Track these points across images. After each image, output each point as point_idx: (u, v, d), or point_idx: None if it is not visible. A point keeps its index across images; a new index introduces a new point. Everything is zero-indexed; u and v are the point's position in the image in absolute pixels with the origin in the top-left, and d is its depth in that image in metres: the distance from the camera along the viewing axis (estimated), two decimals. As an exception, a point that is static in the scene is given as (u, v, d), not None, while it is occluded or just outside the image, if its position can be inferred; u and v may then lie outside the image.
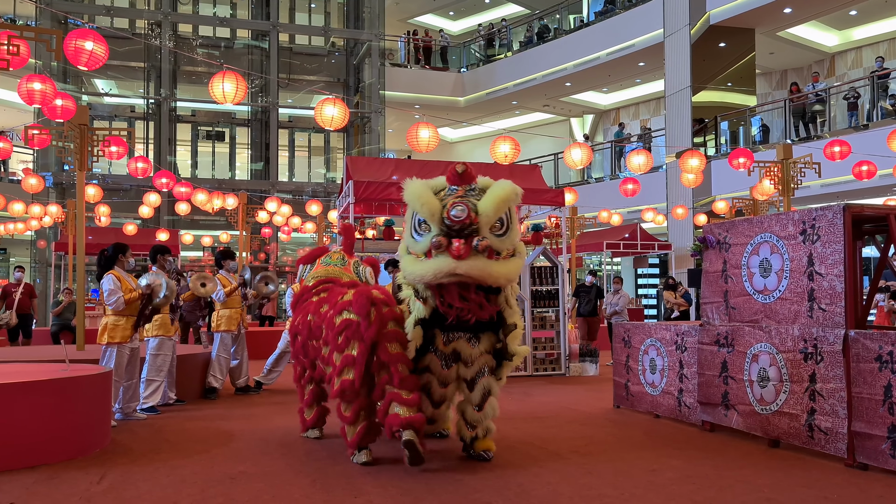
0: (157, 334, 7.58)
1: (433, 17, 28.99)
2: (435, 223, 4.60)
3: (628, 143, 22.22)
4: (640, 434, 6.36)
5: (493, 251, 4.58)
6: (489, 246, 4.54)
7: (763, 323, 5.87)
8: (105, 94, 24.18)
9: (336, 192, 20.77)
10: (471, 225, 4.53)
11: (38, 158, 21.92)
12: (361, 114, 24.22)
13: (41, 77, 8.36)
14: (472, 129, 29.35)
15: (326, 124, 9.67)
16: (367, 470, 4.97)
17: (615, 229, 19.01)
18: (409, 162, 12.45)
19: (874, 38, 20.08)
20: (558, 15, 24.67)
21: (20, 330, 12.76)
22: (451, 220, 4.53)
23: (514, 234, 4.74)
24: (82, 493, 4.43)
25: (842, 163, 12.76)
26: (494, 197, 4.57)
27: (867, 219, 5.70)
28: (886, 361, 4.80)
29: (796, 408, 5.45)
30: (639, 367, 7.49)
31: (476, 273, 4.52)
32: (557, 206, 11.68)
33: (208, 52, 23.97)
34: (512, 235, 4.71)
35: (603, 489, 4.52)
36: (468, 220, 4.52)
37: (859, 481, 4.69)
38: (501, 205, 4.56)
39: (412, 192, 4.69)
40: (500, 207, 4.57)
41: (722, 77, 19.04)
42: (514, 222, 4.73)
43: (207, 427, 6.68)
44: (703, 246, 6.66)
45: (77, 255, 8.89)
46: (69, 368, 5.85)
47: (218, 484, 4.64)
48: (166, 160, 22.53)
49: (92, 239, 15.63)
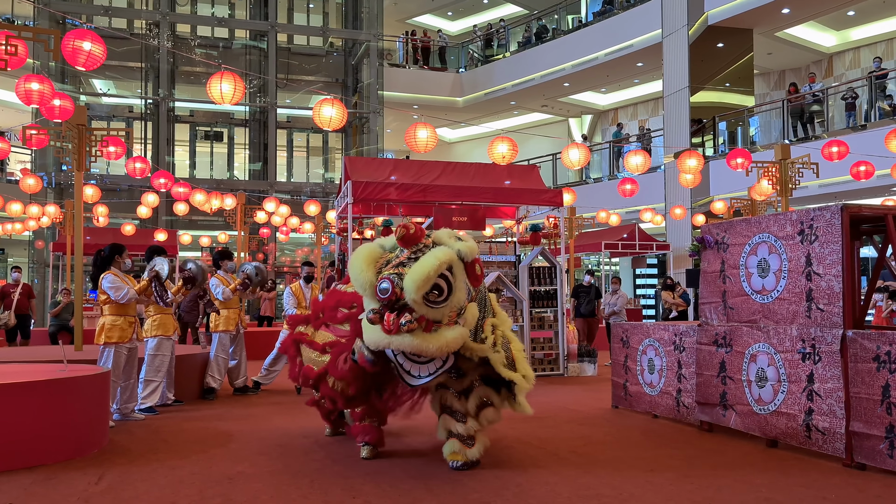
0: (156, 334, 7.58)
1: (431, 18, 28.99)
2: (369, 297, 4.56)
3: (626, 144, 22.23)
4: (638, 434, 6.36)
5: (431, 322, 4.44)
6: (416, 324, 4.39)
7: (761, 323, 5.87)
8: (103, 94, 24.17)
9: (334, 193, 20.77)
10: (397, 300, 4.42)
11: (36, 159, 21.89)
12: (360, 114, 24.22)
13: (39, 77, 8.34)
14: (470, 130, 29.36)
15: (325, 125, 9.66)
16: (365, 471, 4.97)
17: (613, 229, 19.02)
18: (407, 162, 12.45)
19: (872, 38, 20.11)
20: (556, 15, 24.68)
21: (18, 330, 12.75)
22: (378, 296, 4.48)
23: (457, 297, 4.51)
24: (80, 493, 4.43)
25: (840, 163, 12.77)
26: (418, 273, 4.35)
27: (865, 219, 5.71)
28: (884, 361, 4.81)
29: (794, 408, 5.46)
30: (637, 368, 7.50)
31: (407, 348, 4.45)
32: (556, 206, 11.68)
33: (206, 52, 23.96)
34: (453, 301, 4.49)
35: (601, 489, 4.53)
36: (393, 296, 4.41)
37: (857, 481, 4.70)
38: (425, 280, 4.33)
39: (353, 262, 4.66)
40: (426, 282, 4.33)
41: (720, 77, 19.05)
42: (458, 285, 4.50)
43: (206, 427, 6.67)
44: (702, 246, 6.66)
45: (75, 255, 8.88)
46: (67, 369, 5.85)
47: (216, 484, 4.63)
48: (164, 160, 22.51)
49: (90, 239, 15.60)
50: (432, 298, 4.42)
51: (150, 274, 6.98)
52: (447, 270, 4.45)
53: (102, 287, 6.81)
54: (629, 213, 19.63)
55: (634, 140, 22.32)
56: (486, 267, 11.67)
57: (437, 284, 4.41)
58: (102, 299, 6.87)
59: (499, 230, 18.19)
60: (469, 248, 4.63)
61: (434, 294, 4.42)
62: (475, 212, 11.28)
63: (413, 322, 4.39)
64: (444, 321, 4.49)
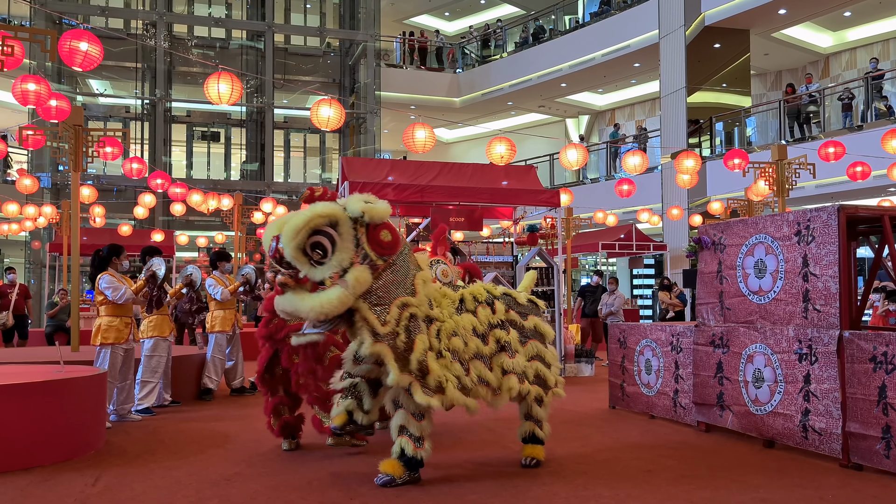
0: (153, 335, 7.57)
1: (428, 18, 28.99)
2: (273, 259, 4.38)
3: (623, 144, 22.25)
4: (635, 434, 6.37)
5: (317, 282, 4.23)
6: (287, 281, 4.21)
7: (758, 324, 5.88)
8: (100, 94, 24.15)
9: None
10: (282, 259, 4.23)
11: (32, 159, 21.86)
12: (357, 114, 24.21)
13: (36, 78, 8.33)
14: (467, 130, 29.36)
15: (322, 125, 9.66)
16: (362, 472, 4.96)
17: (610, 230, 19.03)
18: (404, 163, 12.45)
19: (868, 39, 20.15)
20: (554, 16, 24.69)
21: (16, 331, 12.73)
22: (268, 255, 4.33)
23: (339, 257, 4.21)
24: (77, 494, 4.42)
25: (836, 164, 12.80)
26: (289, 224, 4.15)
27: (861, 220, 5.72)
28: (881, 362, 4.82)
29: (791, 408, 5.46)
30: (634, 368, 7.50)
31: (285, 308, 4.26)
32: (553, 206, 11.69)
33: (203, 52, 23.93)
34: (334, 261, 4.19)
35: (598, 489, 4.53)
36: (276, 254, 4.22)
37: (854, 482, 4.71)
38: (295, 231, 4.10)
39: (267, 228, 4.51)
40: (296, 233, 4.10)
41: (717, 78, 19.08)
42: (342, 245, 4.23)
43: (203, 428, 6.66)
44: (699, 247, 6.67)
45: (71, 256, 8.86)
46: (64, 370, 5.84)
47: (213, 485, 4.63)
48: (161, 161, 22.48)
49: (86, 240, 15.57)
50: (316, 258, 4.20)
51: (147, 274, 6.98)
52: (331, 228, 4.20)
53: (100, 287, 6.81)
54: (626, 214, 19.64)
55: (631, 140, 22.33)
56: (484, 267, 11.68)
57: (320, 242, 4.18)
58: (99, 300, 6.86)
59: (496, 231, 18.21)
60: (370, 209, 4.31)
61: (317, 253, 4.19)
62: (472, 212, 11.29)
63: (290, 278, 4.23)
64: (328, 283, 4.20)
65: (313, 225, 4.14)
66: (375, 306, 4.30)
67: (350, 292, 4.17)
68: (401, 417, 4.54)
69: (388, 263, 4.38)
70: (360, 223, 4.32)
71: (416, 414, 4.51)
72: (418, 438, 4.53)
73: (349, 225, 4.27)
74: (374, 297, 4.30)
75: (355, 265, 4.23)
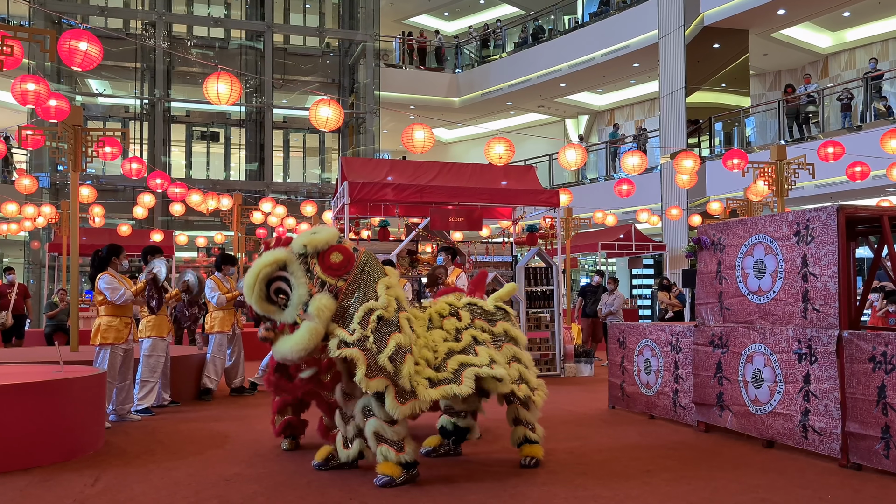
0: (151, 335, 7.57)
1: (428, 18, 29.00)
2: None
3: (623, 144, 22.25)
4: (634, 435, 6.37)
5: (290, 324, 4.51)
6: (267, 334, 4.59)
7: (757, 324, 5.88)
8: (99, 94, 24.14)
9: (331, 193, 20.77)
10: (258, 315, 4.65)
11: (31, 159, 21.84)
12: (356, 114, 24.21)
13: (35, 78, 8.33)
14: (466, 130, 29.37)
15: (321, 125, 9.66)
16: (362, 472, 4.96)
17: (610, 230, 19.04)
18: (404, 163, 12.45)
19: (867, 39, 20.16)
20: (553, 16, 24.71)
21: (14, 331, 12.72)
22: None
23: (297, 294, 4.48)
24: (76, 495, 4.42)
25: (835, 164, 12.80)
26: (245, 281, 4.55)
27: (861, 220, 5.72)
28: (880, 362, 4.82)
29: (790, 408, 5.47)
30: (634, 368, 7.50)
31: (279, 357, 4.59)
32: (552, 206, 11.69)
33: (202, 52, 23.93)
34: (294, 300, 4.47)
35: (598, 490, 4.53)
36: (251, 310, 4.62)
37: (853, 482, 4.71)
38: (250, 287, 4.47)
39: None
40: (250, 288, 4.47)
41: (716, 78, 19.09)
42: (297, 282, 4.49)
43: (202, 428, 6.66)
44: (698, 247, 6.67)
45: (71, 256, 8.86)
46: (63, 370, 5.84)
47: (212, 486, 4.63)
48: (160, 161, 22.48)
49: (86, 240, 15.57)
50: (282, 302, 4.51)
51: (149, 276, 6.97)
52: (283, 271, 4.51)
53: (99, 287, 6.80)
54: (626, 214, 19.65)
55: (631, 141, 22.34)
56: (484, 267, 11.68)
57: (280, 288, 4.51)
58: (99, 300, 6.86)
59: (495, 231, 18.21)
60: (311, 240, 4.56)
61: (282, 298, 4.51)
62: (472, 212, 11.29)
63: (268, 330, 4.59)
64: (299, 321, 4.46)
65: (264, 275, 4.47)
66: (343, 321, 4.52)
67: (317, 322, 4.40)
68: (374, 425, 4.54)
69: (348, 282, 4.58)
70: (309, 256, 4.57)
71: (389, 420, 4.52)
72: (396, 443, 4.54)
73: (297, 262, 4.55)
74: (341, 315, 4.52)
75: (315, 295, 4.46)
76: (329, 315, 4.44)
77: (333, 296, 4.50)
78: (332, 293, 4.50)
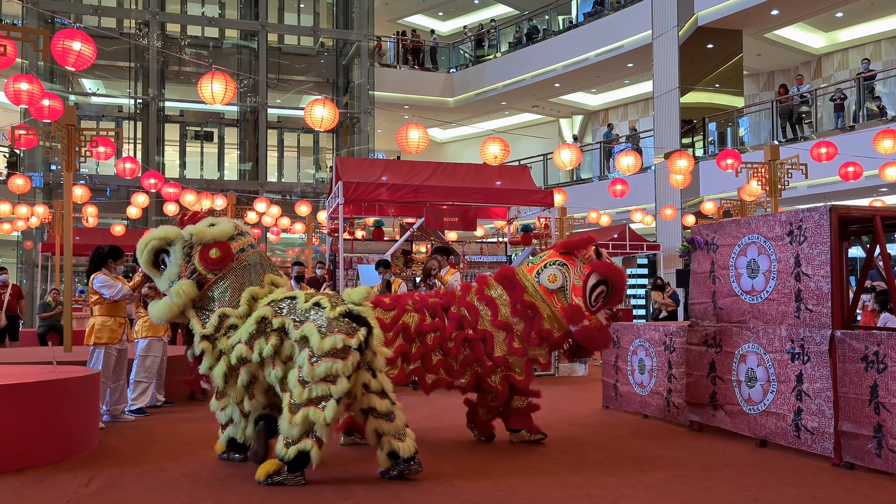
0: (147, 335, 7.55)
1: (422, 18, 28.98)
2: None
3: (617, 144, 22.29)
4: (628, 434, 6.39)
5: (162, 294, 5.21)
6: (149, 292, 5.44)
7: (751, 323, 5.91)
8: (92, 94, 24.04)
9: (325, 193, 20.73)
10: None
11: (24, 159, 21.76)
12: (351, 114, 24.18)
13: (28, 77, 8.29)
14: (461, 130, 29.37)
15: (316, 125, 9.64)
16: (356, 472, 4.97)
17: (604, 230, 19.06)
18: (398, 162, 12.44)
19: (860, 39, 20.24)
20: (547, 16, 24.72)
21: (7, 332, 12.65)
22: None
23: (168, 271, 5.12)
24: (70, 496, 4.41)
25: (828, 164, 12.84)
26: (138, 246, 5.21)
27: (853, 220, 5.75)
28: (872, 361, 4.85)
29: (783, 408, 5.49)
30: (627, 368, 7.52)
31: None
32: (546, 206, 11.70)
33: (196, 51, 23.87)
34: (165, 274, 5.13)
35: (592, 489, 4.54)
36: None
37: (846, 480, 4.73)
38: (140, 250, 5.15)
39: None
40: (140, 251, 5.15)
41: (710, 78, 19.14)
42: (171, 259, 5.11)
43: (196, 429, 6.65)
44: (692, 247, 6.69)
45: (64, 255, 8.83)
46: (56, 370, 5.82)
47: (207, 486, 4.62)
48: (154, 160, 22.41)
49: (79, 240, 15.53)
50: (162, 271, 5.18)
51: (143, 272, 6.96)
52: (168, 246, 5.13)
53: (93, 287, 6.78)
54: (620, 214, 19.68)
55: (625, 141, 22.39)
56: (477, 267, 11.69)
57: (164, 259, 5.17)
58: (93, 300, 6.84)
59: (490, 231, 18.21)
60: (197, 231, 5.08)
61: (163, 268, 5.17)
62: (466, 212, 11.29)
63: (150, 289, 5.43)
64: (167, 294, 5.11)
65: (152, 246, 5.13)
66: (201, 311, 5.06)
67: (174, 301, 5.01)
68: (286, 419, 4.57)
69: (218, 277, 5.05)
70: (193, 244, 5.09)
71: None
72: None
73: (180, 244, 5.11)
74: (200, 304, 5.07)
75: (182, 278, 5.05)
76: (186, 299, 5.01)
77: (199, 285, 5.04)
78: (199, 282, 5.04)
